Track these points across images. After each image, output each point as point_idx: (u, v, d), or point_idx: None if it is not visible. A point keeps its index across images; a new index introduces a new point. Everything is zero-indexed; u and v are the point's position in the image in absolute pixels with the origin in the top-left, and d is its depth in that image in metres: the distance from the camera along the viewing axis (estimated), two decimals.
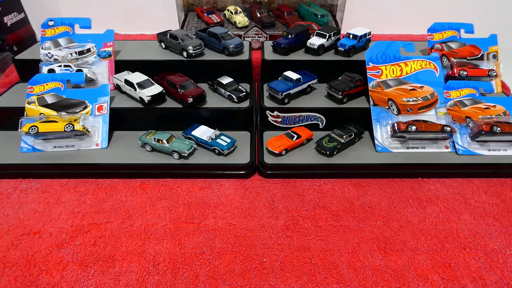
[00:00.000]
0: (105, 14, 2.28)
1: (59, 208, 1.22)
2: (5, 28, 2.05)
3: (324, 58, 1.69)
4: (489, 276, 1.03)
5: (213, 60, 1.65)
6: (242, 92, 1.53)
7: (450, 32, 1.71)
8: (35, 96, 1.42)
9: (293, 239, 1.12)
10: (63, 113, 1.39)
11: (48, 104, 1.41)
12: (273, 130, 1.52)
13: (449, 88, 1.48)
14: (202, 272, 1.02)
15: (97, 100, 1.46)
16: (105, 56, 1.63)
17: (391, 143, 1.42)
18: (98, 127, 1.43)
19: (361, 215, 1.21)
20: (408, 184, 1.34)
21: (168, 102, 1.52)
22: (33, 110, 1.41)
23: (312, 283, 1.00)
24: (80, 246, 1.09)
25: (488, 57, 1.69)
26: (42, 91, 1.44)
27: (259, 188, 1.31)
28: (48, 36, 1.63)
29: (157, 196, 1.27)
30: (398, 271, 1.04)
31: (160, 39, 1.74)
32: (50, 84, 1.44)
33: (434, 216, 1.21)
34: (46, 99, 1.43)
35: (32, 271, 1.02)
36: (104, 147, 1.42)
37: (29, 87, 1.44)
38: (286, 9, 2.19)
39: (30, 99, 1.41)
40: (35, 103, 1.41)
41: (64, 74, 1.49)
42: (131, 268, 1.03)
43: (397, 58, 1.51)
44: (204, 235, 1.13)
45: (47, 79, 1.45)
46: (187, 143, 1.38)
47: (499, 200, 1.28)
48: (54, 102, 1.43)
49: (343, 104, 1.53)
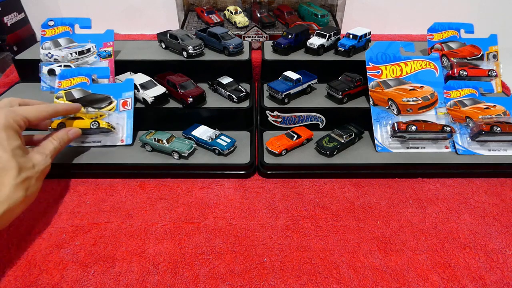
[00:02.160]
0: (105, 14, 2.28)
1: (59, 208, 1.22)
2: (5, 28, 2.05)
3: (324, 58, 1.69)
4: (489, 276, 1.03)
5: (213, 60, 1.65)
6: (242, 92, 1.53)
7: (450, 32, 1.71)
8: (63, 91, 1.42)
9: (293, 239, 1.12)
10: (89, 109, 1.39)
11: (75, 98, 1.42)
12: (273, 130, 1.52)
13: (449, 88, 1.48)
14: (202, 272, 1.03)
15: (122, 95, 1.45)
16: (105, 56, 1.63)
17: (391, 143, 1.42)
18: (123, 123, 1.43)
19: (361, 215, 1.21)
20: (408, 184, 1.34)
21: (168, 102, 1.52)
22: None
23: (312, 283, 1.00)
24: (80, 246, 1.09)
25: (488, 57, 1.69)
26: (69, 85, 1.44)
27: (259, 188, 1.31)
28: (48, 36, 1.63)
29: (157, 196, 1.27)
30: (398, 271, 1.04)
31: (160, 39, 1.74)
32: (77, 79, 1.45)
33: (434, 216, 1.21)
34: (73, 94, 1.43)
35: (32, 271, 1.02)
36: (128, 143, 1.41)
37: (57, 82, 1.44)
38: (286, 9, 2.19)
39: (59, 93, 1.42)
40: (63, 98, 1.41)
41: (89, 69, 1.50)
42: (131, 268, 1.03)
43: (397, 58, 1.51)
44: (204, 235, 1.13)
45: (74, 74, 1.46)
46: (187, 143, 1.38)
47: (499, 200, 1.28)
48: (81, 97, 1.43)
49: (343, 104, 1.53)
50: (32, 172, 1.04)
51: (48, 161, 1.13)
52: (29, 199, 1.04)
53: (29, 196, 1.03)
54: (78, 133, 1.29)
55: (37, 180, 1.07)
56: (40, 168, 1.08)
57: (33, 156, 1.08)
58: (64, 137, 1.23)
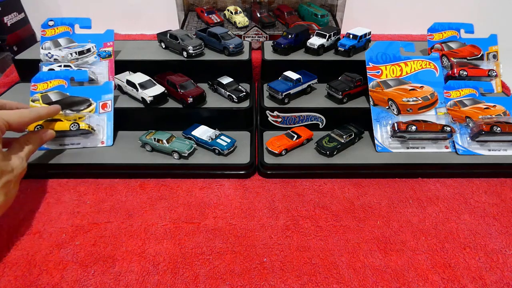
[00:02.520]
0: (105, 14, 2.28)
1: (59, 208, 1.22)
2: (5, 28, 2.05)
3: (324, 58, 1.69)
4: (489, 276, 1.03)
5: (213, 60, 1.65)
6: (242, 92, 1.53)
7: (450, 32, 1.71)
8: (39, 94, 1.42)
9: (293, 239, 1.12)
10: (67, 111, 1.38)
11: (52, 101, 1.41)
12: (273, 130, 1.52)
13: (449, 88, 1.48)
14: (202, 272, 1.02)
15: (101, 98, 1.45)
16: (105, 56, 1.63)
17: (391, 143, 1.42)
18: (103, 125, 1.43)
19: (361, 215, 1.21)
20: (408, 184, 1.34)
21: (168, 102, 1.52)
22: None
23: (312, 283, 1.00)
24: (80, 246, 1.09)
25: (488, 57, 1.69)
26: (45, 88, 1.43)
27: (259, 188, 1.31)
28: (48, 36, 1.63)
29: (157, 196, 1.27)
30: (398, 271, 1.04)
31: (160, 39, 1.74)
32: (54, 82, 1.44)
33: (434, 216, 1.21)
34: (50, 96, 1.42)
35: (32, 271, 1.02)
36: (109, 145, 1.42)
37: (32, 85, 1.43)
38: (286, 9, 2.19)
39: (34, 97, 1.41)
40: (39, 101, 1.40)
41: (67, 71, 1.48)
42: (131, 268, 1.03)
43: (397, 58, 1.51)
44: (204, 235, 1.13)
45: (51, 77, 1.45)
46: (187, 143, 1.38)
47: (499, 200, 1.28)
48: (58, 99, 1.42)
49: (343, 104, 1.53)
50: (11, 176, 1.04)
51: (25, 165, 1.12)
52: (8, 203, 1.04)
53: (8, 200, 1.03)
54: (52, 135, 1.27)
55: (15, 184, 1.06)
56: (18, 172, 1.07)
57: (11, 159, 1.07)
58: (39, 140, 1.22)
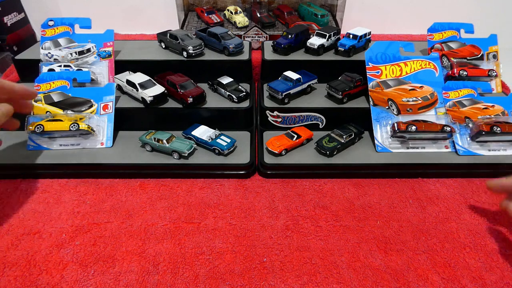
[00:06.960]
0: (105, 14, 2.28)
1: (59, 208, 1.22)
2: (5, 28, 2.05)
3: (324, 58, 1.69)
4: (489, 276, 1.03)
5: (213, 60, 1.65)
6: (242, 92, 1.53)
7: (450, 32, 1.71)
8: (42, 94, 1.42)
9: (293, 239, 1.12)
10: (69, 112, 1.39)
11: (55, 102, 1.42)
12: (273, 130, 1.52)
13: (447, 89, 1.48)
14: (202, 272, 1.03)
15: (103, 99, 1.46)
16: (105, 56, 1.63)
17: (391, 143, 1.42)
18: (103, 126, 1.43)
19: (361, 215, 1.21)
20: (408, 184, 1.34)
21: (168, 102, 1.52)
22: (39, 108, 1.41)
23: (312, 283, 1.00)
24: (80, 246, 1.09)
25: (488, 57, 1.69)
26: (48, 89, 1.44)
27: (259, 188, 1.31)
28: (48, 36, 1.63)
29: (157, 196, 1.27)
30: (398, 271, 1.04)
31: (160, 39, 1.74)
32: (57, 82, 1.45)
33: (434, 216, 1.21)
34: (53, 97, 1.43)
35: (32, 271, 1.02)
36: (109, 146, 1.42)
37: (35, 85, 1.44)
38: (286, 9, 2.19)
39: (37, 97, 1.41)
40: (42, 101, 1.41)
41: (70, 72, 1.49)
42: (131, 268, 1.03)
43: (397, 58, 1.51)
44: (204, 235, 1.13)
45: (54, 77, 1.45)
46: (187, 143, 1.38)
47: (499, 200, 1.27)
48: (60, 100, 1.43)
49: (343, 104, 1.53)
50: None
51: None
52: None
53: None
54: (10, 110, 1.14)
55: None
56: None
57: None
58: None
